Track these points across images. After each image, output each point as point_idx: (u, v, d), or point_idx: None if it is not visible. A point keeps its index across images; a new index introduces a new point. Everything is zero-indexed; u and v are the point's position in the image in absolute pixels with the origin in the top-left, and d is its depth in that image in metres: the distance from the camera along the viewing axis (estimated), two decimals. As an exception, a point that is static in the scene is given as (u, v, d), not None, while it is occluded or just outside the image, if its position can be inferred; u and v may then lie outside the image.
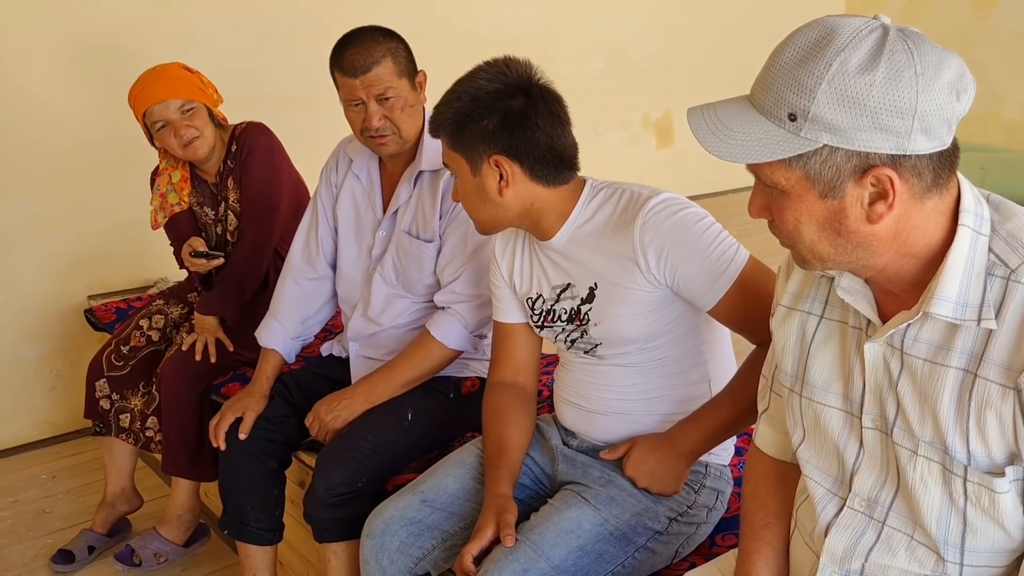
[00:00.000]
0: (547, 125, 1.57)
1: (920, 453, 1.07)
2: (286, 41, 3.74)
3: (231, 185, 2.57)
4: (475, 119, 1.56)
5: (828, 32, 0.99)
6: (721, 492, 1.71)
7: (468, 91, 1.57)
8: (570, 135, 1.62)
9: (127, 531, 2.75)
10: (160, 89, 2.42)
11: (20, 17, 3.19)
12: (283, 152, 2.60)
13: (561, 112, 1.60)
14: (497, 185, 1.59)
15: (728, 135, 1.03)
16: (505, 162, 1.57)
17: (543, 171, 1.59)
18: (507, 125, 1.55)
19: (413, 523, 1.69)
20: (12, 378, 3.38)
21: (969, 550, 1.07)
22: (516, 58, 1.61)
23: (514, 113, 1.55)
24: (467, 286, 2.03)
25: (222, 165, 2.58)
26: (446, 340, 2.02)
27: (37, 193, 3.31)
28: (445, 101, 1.60)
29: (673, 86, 5.13)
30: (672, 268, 1.55)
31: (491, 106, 1.55)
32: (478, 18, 4.31)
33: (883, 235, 1.03)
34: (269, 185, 2.53)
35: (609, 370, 1.67)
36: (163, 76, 2.45)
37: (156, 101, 2.41)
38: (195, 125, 2.44)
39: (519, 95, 1.56)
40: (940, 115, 0.97)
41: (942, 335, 1.05)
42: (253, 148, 2.52)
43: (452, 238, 2.05)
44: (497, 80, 1.56)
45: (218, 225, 2.63)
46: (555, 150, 1.59)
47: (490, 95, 1.55)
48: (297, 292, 2.30)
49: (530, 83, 1.58)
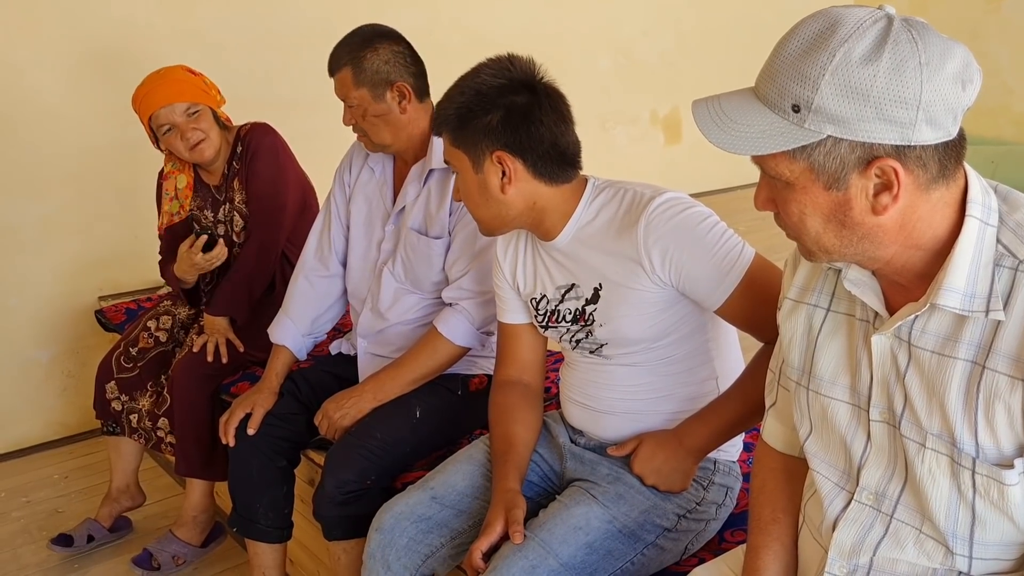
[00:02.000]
0: (551, 122, 1.56)
1: (928, 446, 1.07)
2: (294, 42, 3.74)
3: (236, 186, 2.57)
4: (478, 114, 1.55)
5: (832, 23, 0.99)
6: (730, 488, 1.70)
7: (471, 86, 1.56)
8: (573, 133, 1.61)
9: (128, 529, 2.77)
10: (165, 93, 2.43)
11: (31, 22, 3.20)
12: (288, 151, 2.60)
13: (565, 110, 1.59)
14: (499, 182, 1.58)
15: (732, 127, 1.03)
16: (508, 158, 1.56)
17: (546, 168, 1.58)
18: (511, 120, 1.54)
19: (423, 520, 1.69)
20: (24, 379, 3.40)
21: (978, 543, 1.07)
22: (520, 56, 1.60)
23: (518, 109, 1.54)
24: (474, 282, 2.03)
25: (227, 167, 2.58)
26: (453, 337, 2.02)
27: (48, 195, 3.32)
28: (448, 96, 1.60)
29: (681, 82, 5.11)
30: (677, 269, 1.53)
31: (494, 101, 1.54)
32: (485, 17, 4.31)
33: (888, 226, 1.02)
34: (275, 185, 2.54)
35: (615, 370, 1.67)
36: (167, 79, 2.46)
37: (161, 105, 2.42)
38: (201, 128, 2.45)
39: (523, 91, 1.55)
40: (945, 105, 0.96)
41: (950, 327, 1.04)
42: (258, 149, 2.52)
43: (461, 235, 2.05)
44: (501, 76, 1.55)
45: (220, 227, 2.64)
46: (559, 147, 1.58)
47: (494, 90, 1.54)
48: (310, 290, 2.31)
49: (534, 80, 1.57)
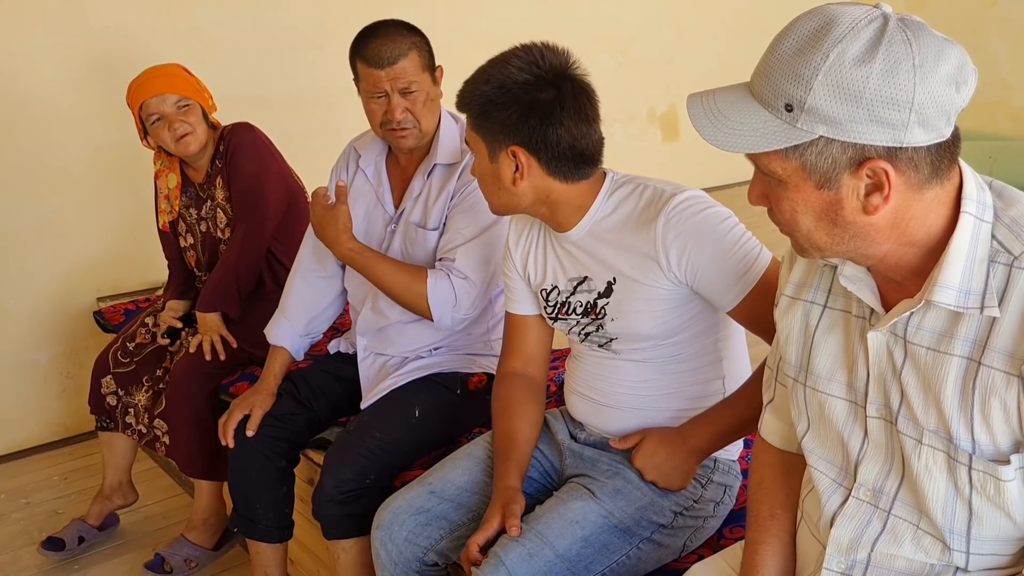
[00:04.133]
0: (571, 123, 1.53)
1: (925, 442, 1.07)
2: (291, 42, 3.75)
3: (219, 184, 2.59)
4: (499, 107, 1.52)
5: (827, 21, 0.98)
6: (729, 487, 1.70)
7: (497, 77, 1.53)
8: (596, 132, 1.58)
9: (116, 526, 2.78)
10: (157, 83, 2.47)
11: (31, 24, 3.20)
12: (270, 147, 2.62)
13: (590, 110, 1.56)
14: (512, 175, 1.57)
15: (725, 124, 1.03)
16: (523, 154, 1.55)
17: (561, 167, 1.56)
18: (530, 119, 1.52)
19: (421, 513, 1.69)
20: (23, 381, 3.40)
21: (975, 538, 1.07)
22: (554, 46, 1.56)
23: (539, 107, 1.51)
24: (466, 266, 2.00)
25: (210, 165, 2.61)
26: (432, 296, 1.97)
27: (48, 196, 3.33)
28: (474, 80, 1.57)
29: (679, 80, 5.11)
30: (693, 268, 1.53)
31: (517, 97, 1.51)
32: (483, 15, 4.30)
33: (880, 225, 1.02)
34: (257, 178, 2.55)
35: (623, 364, 1.66)
36: (162, 72, 2.50)
37: (153, 94, 2.46)
38: (189, 121, 2.48)
39: (548, 88, 1.52)
40: (938, 107, 0.96)
41: (945, 323, 1.04)
42: (239, 145, 2.54)
43: (455, 220, 2.04)
44: (528, 70, 1.52)
45: (202, 223, 2.66)
46: (576, 148, 1.55)
47: (518, 85, 1.51)
48: (306, 290, 2.30)
49: (563, 76, 1.53)
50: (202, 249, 2.68)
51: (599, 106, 1.58)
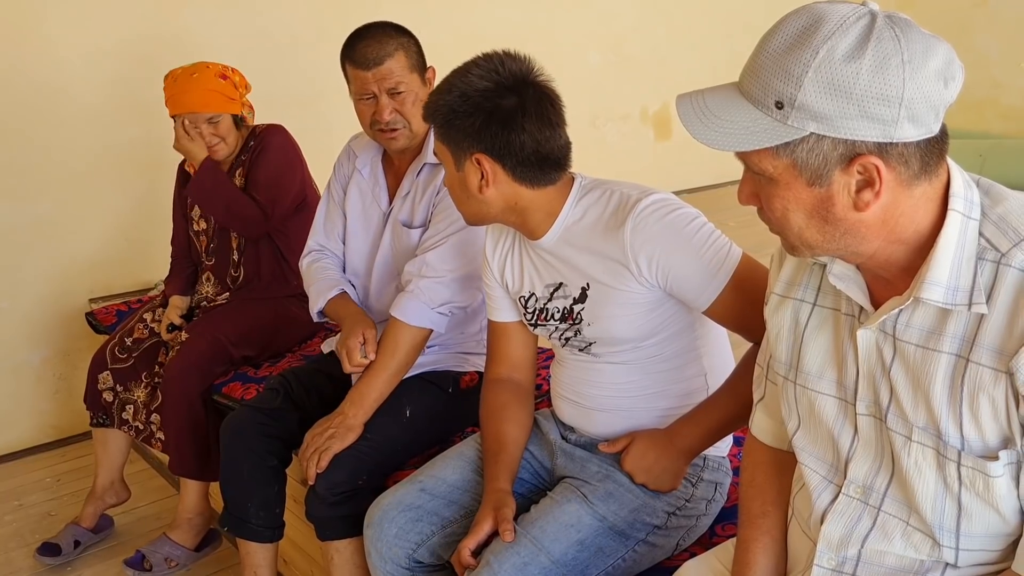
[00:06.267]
0: (534, 128, 1.53)
1: (914, 439, 1.08)
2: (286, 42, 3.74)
3: (239, 174, 2.64)
4: (462, 115, 1.54)
5: (816, 19, 0.99)
6: (720, 484, 1.70)
7: (459, 86, 1.54)
8: (561, 136, 1.58)
9: (110, 528, 2.78)
10: (193, 100, 2.53)
11: (22, 26, 3.19)
12: (299, 152, 2.68)
13: (553, 114, 1.56)
14: (478, 183, 1.57)
15: (715, 123, 1.03)
16: (487, 161, 1.55)
17: (526, 173, 1.57)
18: (491, 126, 1.52)
19: (411, 509, 1.69)
20: (16, 382, 3.40)
21: (964, 534, 1.08)
22: (515, 53, 1.57)
23: (500, 114, 1.52)
24: (440, 260, 2.00)
25: (235, 159, 2.66)
26: (406, 318, 1.98)
27: (40, 197, 3.32)
28: (439, 91, 1.58)
29: (671, 79, 5.10)
30: (664, 271, 1.53)
31: (478, 105, 1.52)
32: (475, 14, 4.31)
33: (871, 222, 1.03)
34: (278, 171, 2.61)
35: (605, 367, 1.67)
36: (199, 87, 2.53)
37: (187, 111, 2.54)
38: (219, 134, 2.59)
39: (509, 95, 1.52)
40: (927, 103, 0.96)
41: (934, 320, 1.05)
42: (269, 144, 2.61)
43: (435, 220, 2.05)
44: (488, 78, 1.53)
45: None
46: (541, 153, 1.55)
47: (479, 93, 1.52)
48: (324, 259, 2.28)
49: (525, 82, 1.54)
50: (213, 235, 2.72)
51: (564, 111, 1.58)
